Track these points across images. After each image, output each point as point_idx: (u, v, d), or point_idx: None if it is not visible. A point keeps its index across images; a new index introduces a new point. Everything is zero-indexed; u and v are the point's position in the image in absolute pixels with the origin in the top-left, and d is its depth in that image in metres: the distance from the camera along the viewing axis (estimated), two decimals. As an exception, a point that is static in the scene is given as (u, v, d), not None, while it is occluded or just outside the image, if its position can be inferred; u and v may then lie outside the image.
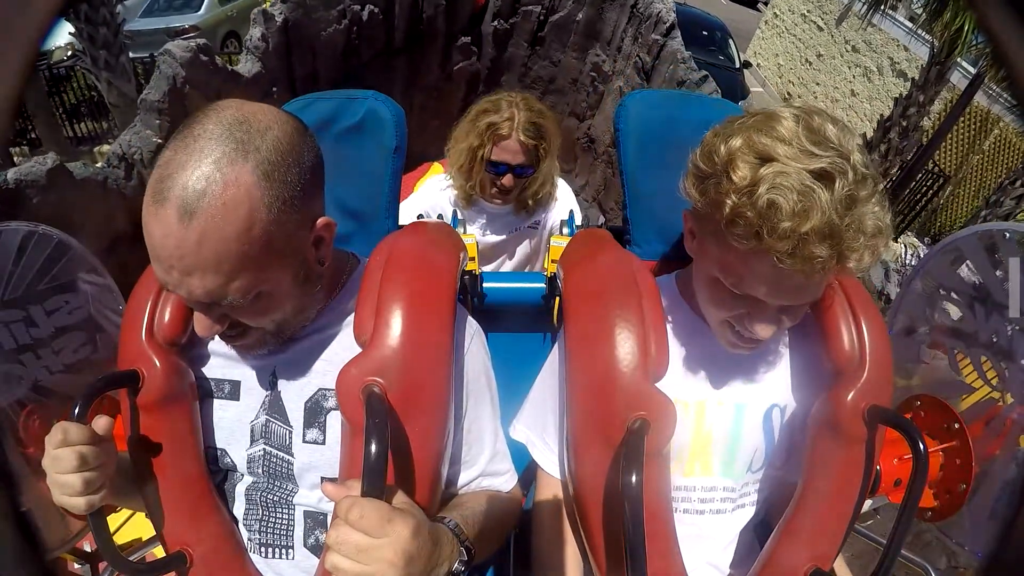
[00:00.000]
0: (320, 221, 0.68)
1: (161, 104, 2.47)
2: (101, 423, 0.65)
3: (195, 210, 0.56)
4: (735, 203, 0.63)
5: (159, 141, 2.46)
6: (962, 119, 7.68)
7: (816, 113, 0.65)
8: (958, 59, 6.21)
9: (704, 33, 8.23)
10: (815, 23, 10.65)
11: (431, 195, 1.63)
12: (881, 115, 6.90)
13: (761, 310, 0.70)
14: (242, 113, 0.61)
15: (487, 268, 1.73)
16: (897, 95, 6.64)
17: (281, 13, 2.81)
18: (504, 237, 1.65)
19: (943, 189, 7.43)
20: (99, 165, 2.35)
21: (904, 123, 6.31)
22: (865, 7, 6.61)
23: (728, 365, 0.82)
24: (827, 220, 0.59)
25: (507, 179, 1.46)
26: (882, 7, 6.45)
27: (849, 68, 9.93)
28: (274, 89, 2.94)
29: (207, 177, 0.57)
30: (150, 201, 0.57)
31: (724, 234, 0.66)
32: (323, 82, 3.17)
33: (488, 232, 1.65)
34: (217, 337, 0.78)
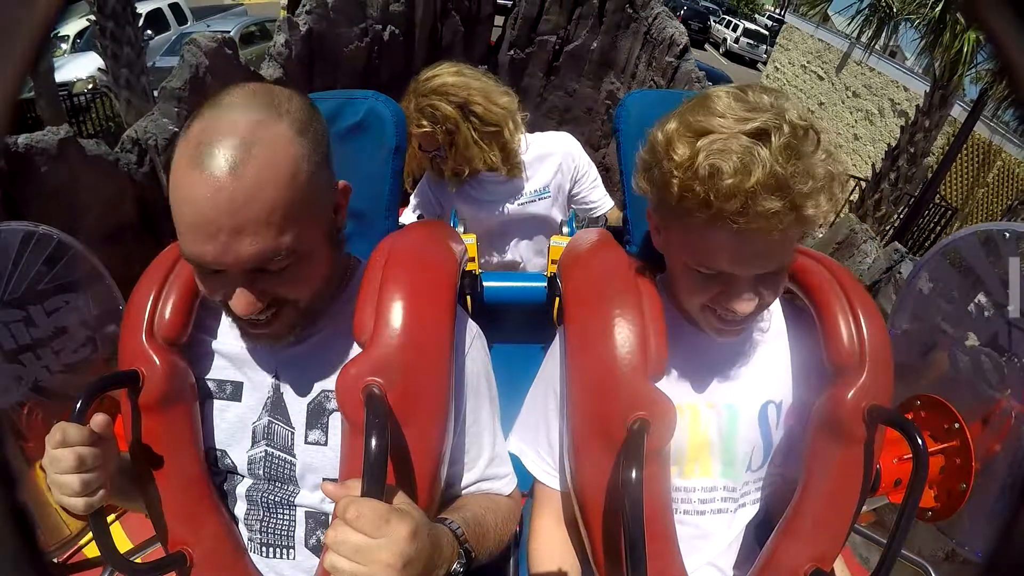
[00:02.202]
0: (341, 183, 0.72)
1: (181, 92, 2.46)
2: (99, 420, 0.65)
3: (246, 162, 0.58)
4: (680, 179, 0.64)
5: (175, 129, 2.46)
6: (965, 151, 7.75)
7: (748, 87, 0.66)
8: (959, 88, 6.28)
9: (711, 84, 8.24)
10: (815, 73, 10.75)
11: (424, 192, 1.61)
12: (888, 144, 6.93)
13: (735, 285, 0.69)
14: (262, 86, 0.65)
15: (517, 246, 1.66)
16: (902, 126, 6.69)
17: (306, 23, 2.85)
18: (504, 209, 1.58)
19: (952, 222, 7.45)
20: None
21: (912, 149, 6.38)
22: (865, 47, 6.69)
23: (717, 366, 0.82)
24: (770, 171, 0.60)
25: (440, 159, 1.45)
26: (881, 38, 6.53)
27: (851, 113, 10.02)
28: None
29: (251, 133, 0.59)
30: (189, 166, 0.58)
31: (680, 215, 0.67)
32: (342, 88, 3.19)
33: (486, 198, 1.57)
34: (221, 336, 0.78)
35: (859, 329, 0.75)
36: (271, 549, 0.78)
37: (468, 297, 1.21)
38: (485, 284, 1.24)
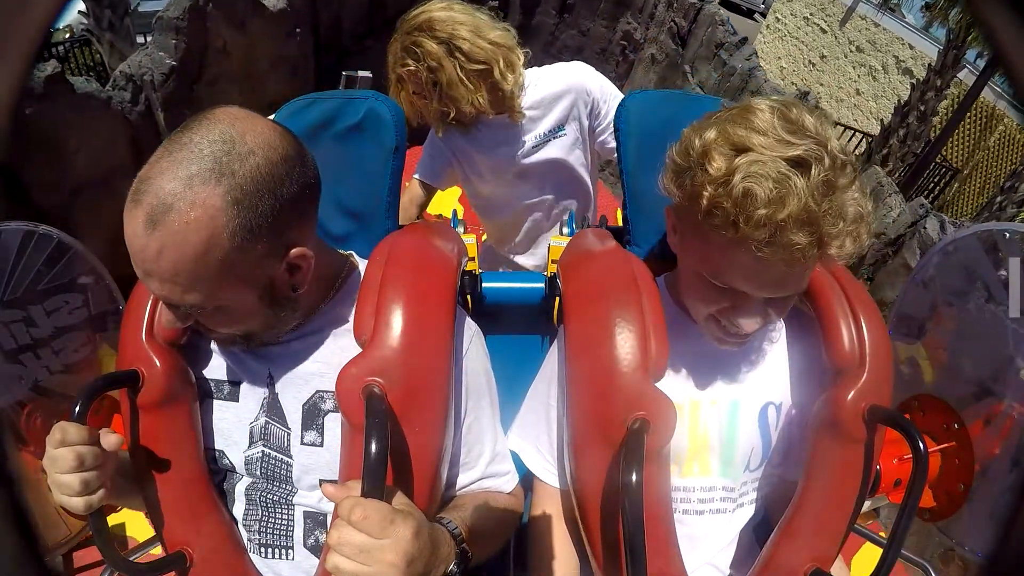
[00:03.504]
0: (295, 252, 0.67)
1: (180, 22, 2.29)
2: (111, 440, 0.65)
3: (159, 223, 0.58)
4: (711, 194, 0.63)
5: (172, 63, 2.29)
6: (968, 115, 7.72)
7: (793, 104, 0.65)
8: (968, 51, 6.27)
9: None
10: (818, 25, 10.66)
11: (436, 143, 1.47)
12: (899, 99, 6.89)
13: (745, 303, 0.70)
14: (233, 130, 0.61)
15: (546, 200, 1.52)
16: (912, 83, 6.64)
17: (311, -49, 2.66)
18: (517, 153, 1.44)
19: (952, 183, 7.45)
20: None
21: (922, 107, 6.33)
22: (876, 6, 6.67)
23: (719, 365, 0.82)
24: (804, 206, 0.59)
25: (427, 102, 1.33)
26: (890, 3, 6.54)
27: (854, 68, 9.92)
28: (297, 30, 2.82)
29: (176, 193, 0.58)
30: (129, 198, 0.60)
31: (703, 226, 0.66)
32: (346, 34, 3.07)
33: (499, 151, 1.44)
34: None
35: (859, 330, 0.75)
36: (270, 549, 0.78)
37: (468, 297, 1.21)
38: (485, 284, 1.24)
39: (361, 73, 2.35)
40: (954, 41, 6.09)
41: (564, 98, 1.40)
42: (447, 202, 3.09)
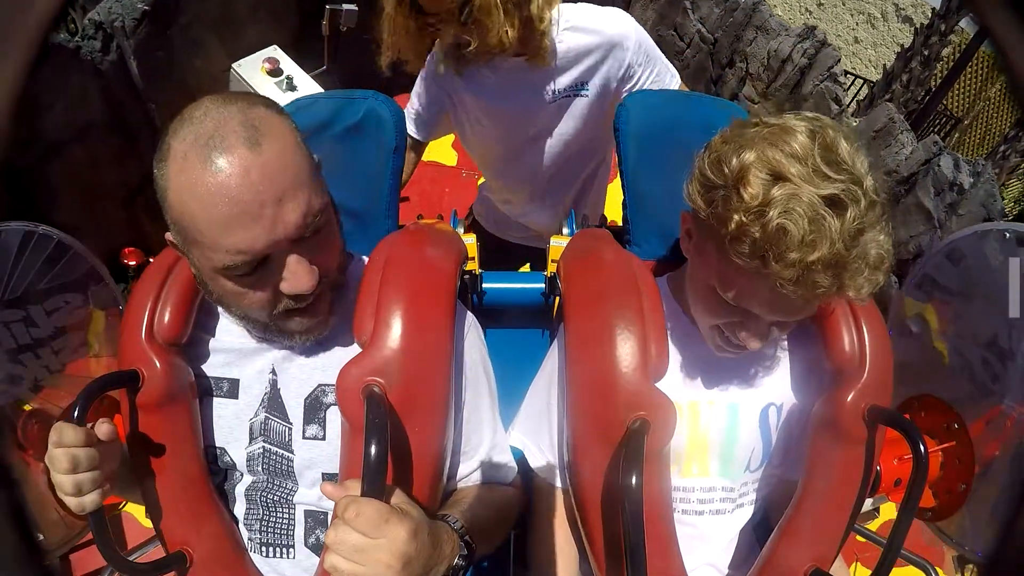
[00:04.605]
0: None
1: None
2: (104, 429, 0.65)
3: (261, 138, 0.59)
4: (743, 221, 0.62)
5: (145, 8, 2.12)
6: (970, 65, 7.67)
7: (830, 127, 0.64)
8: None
9: None
10: None
11: (430, 85, 1.25)
12: (900, 46, 6.85)
13: (753, 322, 0.71)
14: (232, 92, 0.66)
15: (552, 170, 1.30)
16: (915, 28, 6.56)
17: None
18: (521, 99, 1.20)
19: (953, 132, 7.40)
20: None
21: (926, 52, 6.28)
22: None
23: (720, 366, 0.82)
24: (834, 251, 0.59)
25: (439, 32, 1.08)
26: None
27: (852, 16, 9.80)
28: None
29: (247, 115, 0.60)
30: (203, 165, 0.58)
31: (727, 248, 0.66)
32: None
33: (503, 93, 1.19)
34: (219, 334, 0.78)
35: (859, 330, 0.76)
36: (271, 548, 0.78)
37: (468, 297, 1.21)
38: (485, 284, 1.24)
39: (346, 6, 2.28)
40: (958, -16, 6.09)
41: (595, 52, 1.16)
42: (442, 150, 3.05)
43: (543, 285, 1.17)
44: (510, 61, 1.14)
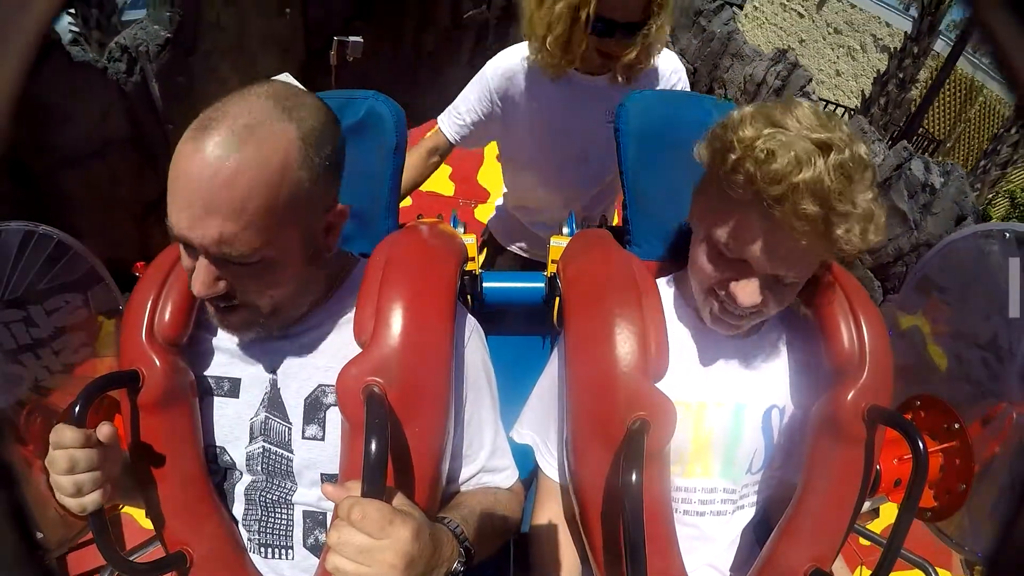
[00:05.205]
0: (338, 207, 0.71)
1: None
2: (104, 431, 0.65)
3: (244, 141, 0.59)
4: (737, 155, 0.67)
5: (167, 35, 2.31)
6: (948, 86, 7.79)
7: (835, 115, 0.70)
8: (943, 27, 6.41)
9: None
10: (795, 11, 10.72)
11: (500, 75, 1.28)
12: (877, 70, 6.98)
13: (748, 275, 0.71)
14: (287, 87, 0.66)
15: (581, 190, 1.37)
16: (890, 52, 6.76)
17: None
18: (589, 117, 1.27)
19: (935, 155, 7.49)
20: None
21: (901, 75, 6.47)
22: None
23: (727, 367, 0.82)
24: (818, 178, 0.62)
25: (614, 41, 1.12)
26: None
27: (832, 50, 10.02)
28: (287, 9, 2.87)
29: (258, 119, 0.60)
30: (191, 138, 0.59)
31: (723, 185, 0.69)
32: (335, 15, 3.08)
33: (571, 109, 1.27)
34: (221, 333, 0.78)
35: (859, 330, 0.76)
36: (270, 549, 0.78)
37: (468, 297, 1.21)
38: (485, 284, 1.24)
39: (352, 38, 2.37)
40: (929, 7, 6.23)
41: (657, 82, 1.27)
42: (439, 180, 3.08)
43: (543, 285, 1.17)
44: (590, 80, 1.23)
